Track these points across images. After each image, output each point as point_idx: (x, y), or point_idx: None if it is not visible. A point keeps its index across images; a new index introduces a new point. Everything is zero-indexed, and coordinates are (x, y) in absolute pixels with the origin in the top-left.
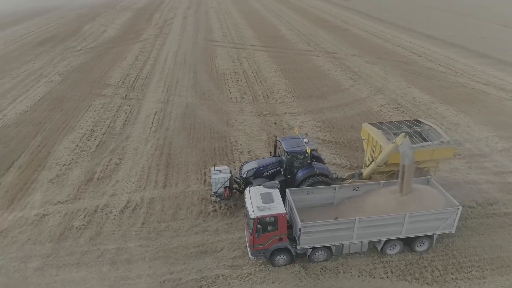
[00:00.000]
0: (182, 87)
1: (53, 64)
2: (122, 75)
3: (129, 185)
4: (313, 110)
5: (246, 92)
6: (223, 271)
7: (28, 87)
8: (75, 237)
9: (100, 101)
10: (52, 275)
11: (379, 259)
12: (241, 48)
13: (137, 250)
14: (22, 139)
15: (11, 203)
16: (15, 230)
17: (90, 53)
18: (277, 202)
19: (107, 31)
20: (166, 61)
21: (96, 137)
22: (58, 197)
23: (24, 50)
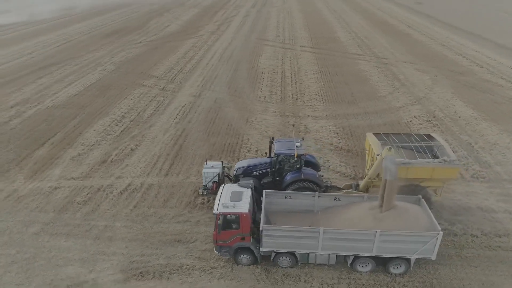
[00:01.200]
0: (218, 83)
1: (112, 54)
2: (167, 68)
3: (135, 170)
4: (338, 116)
5: (277, 92)
6: (189, 261)
7: (84, 74)
8: (74, 211)
9: (139, 91)
10: (44, 241)
11: (347, 275)
12: (289, 49)
13: (121, 230)
14: (63, 119)
15: (34, 174)
16: (29, 198)
17: (147, 46)
18: (243, 201)
19: (170, 26)
20: (213, 57)
21: (123, 124)
22: (73, 174)
23: (93, 41)
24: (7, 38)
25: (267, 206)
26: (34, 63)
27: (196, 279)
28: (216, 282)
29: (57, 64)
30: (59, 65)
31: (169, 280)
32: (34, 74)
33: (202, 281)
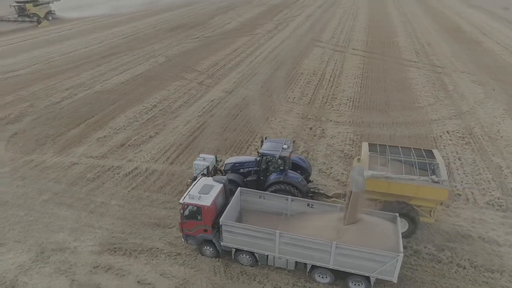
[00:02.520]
0: (254, 81)
1: (168, 48)
2: (212, 63)
3: (146, 155)
4: (362, 123)
5: (307, 94)
6: (160, 244)
7: (136, 64)
8: (81, 185)
9: (178, 83)
10: (49, 208)
11: (303, 283)
12: (339, 51)
13: (114, 207)
14: (104, 104)
15: (62, 150)
16: (51, 169)
17: (202, 41)
18: (210, 195)
19: (230, 24)
20: (259, 56)
21: (152, 112)
22: (93, 153)
23: (157, 34)
24: (85, 28)
25: (243, 204)
26: (99, 52)
27: (160, 262)
28: (176, 267)
29: (117, 54)
30: (119, 55)
31: (136, 259)
32: (95, 62)
33: (165, 265)
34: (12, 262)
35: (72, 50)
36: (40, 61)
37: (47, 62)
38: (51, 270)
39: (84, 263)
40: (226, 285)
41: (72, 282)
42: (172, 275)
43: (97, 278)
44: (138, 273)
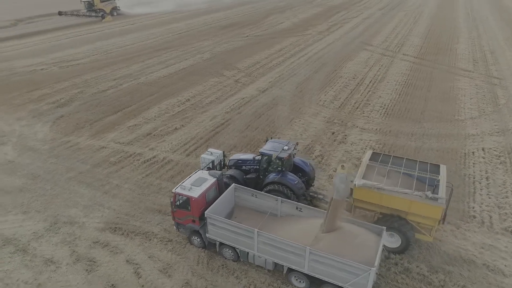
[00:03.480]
0: (291, 82)
1: (216, 45)
2: (254, 62)
3: (167, 146)
4: (389, 132)
5: (340, 98)
6: (156, 230)
7: (183, 59)
8: (103, 168)
9: (216, 79)
10: (71, 185)
11: (279, 284)
12: (388, 56)
13: (125, 191)
14: (143, 94)
15: (96, 134)
16: (82, 151)
17: (251, 40)
18: (201, 187)
19: (283, 23)
20: (302, 57)
21: (184, 106)
22: (121, 139)
23: (209, 31)
24: (145, 24)
25: (237, 200)
26: (153, 46)
27: (151, 245)
28: (165, 253)
29: (168, 49)
30: (170, 49)
31: (131, 240)
32: (147, 55)
33: (155, 249)
34: (29, 229)
35: (129, 44)
36: (99, 52)
37: (104, 54)
38: (58, 240)
39: (86, 238)
40: (205, 275)
41: (72, 253)
42: (159, 259)
43: (93, 252)
44: (129, 253)
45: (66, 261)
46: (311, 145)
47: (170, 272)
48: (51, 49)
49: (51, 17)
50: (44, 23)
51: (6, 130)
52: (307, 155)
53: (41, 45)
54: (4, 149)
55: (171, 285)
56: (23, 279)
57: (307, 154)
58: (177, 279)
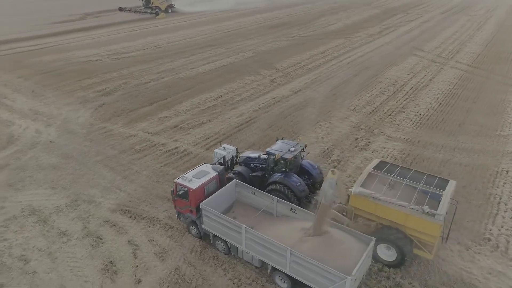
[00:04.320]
0: (326, 84)
1: (261, 44)
2: (294, 62)
3: (190, 138)
4: (417, 143)
5: (373, 104)
6: (161, 216)
7: (225, 57)
8: (128, 154)
9: (252, 78)
10: (96, 167)
11: (263, 282)
12: (438, 63)
13: (143, 177)
14: (180, 88)
15: (129, 123)
16: (113, 137)
17: (296, 40)
18: (201, 180)
19: (334, 25)
20: (345, 59)
21: (215, 101)
22: (150, 129)
23: (258, 30)
24: (198, 21)
25: (238, 196)
26: (200, 43)
27: (154, 230)
28: (164, 238)
29: (213, 46)
30: (215, 47)
31: (137, 223)
32: (192, 51)
33: (156, 234)
34: (53, 203)
35: (178, 40)
36: (149, 47)
37: (154, 48)
38: (75, 215)
39: (99, 216)
40: (195, 264)
41: (84, 228)
42: (157, 243)
43: (102, 230)
44: (132, 235)
45: (77, 235)
46: (330, 149)
47: (164, 257)
48: (108, 42)
49: (114, 12)
50: (107, 18)
51: (54, 113)
52: (323, 159)
53: (100, 38)
54: (48, 130)
55: (162, 269)
56: (38, 247)
57: (323, 157)
58: (169, 263)
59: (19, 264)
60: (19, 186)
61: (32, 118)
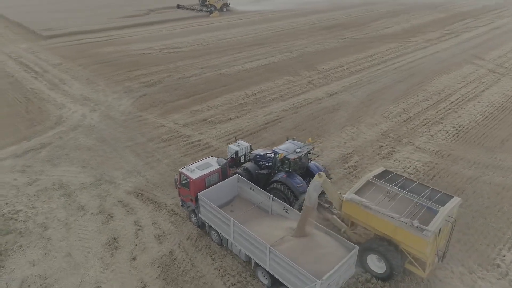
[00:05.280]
0: (365, 89)
1: (308, 44)
2: (337, 65)
3: (215, 133)
4: (448, 156)
5: (410, 113)
6: (169, 202)
7: (270, 55)
8: (155, 143)
9: (290, 78)
10: (124, 152)
11: (246, 276)
12: (497, 73)
13: (162, 165)
14: (218, 84)
15: (163, 113)
16: (146, 125)
17: (346, 42)
18: (203, 171)
19: (391, 28)
20: (393, 64)
21: (247, 99)
22: (180, 121)
23: (309, 31)
24: (252, 20)
25: (240, 191)
26: (248, 41)
27: (159, 214)
28: (166, 223)
29: (261, 45)
30: (262, 45)
31: (146, 206)
32: (239, 49)
33: (160, 218)
34: (80, 180)
35: (229, 37)
36: (199, 43)
37: (204, 44)
38: (95, 193)
39: (115, 196)
40: (189, 250)
41: (100, 205)
42: (159, 227)
43: (114, 209)
44: (139, 216)
45: (92, 211)
46: (350, 154)
47: (163, 240)
48: (163, 37)
49: (176, 9)
50: (167, 14)
51: (101, 100)
52: (339, 163)
53: (158, 33)
54: (92, 115)
55: (158, 251)
56: (58, 217)
57: (340, 162)
58: (165, 246)
59: (39, 230)
60: (56, 162)
61: (81, 103)
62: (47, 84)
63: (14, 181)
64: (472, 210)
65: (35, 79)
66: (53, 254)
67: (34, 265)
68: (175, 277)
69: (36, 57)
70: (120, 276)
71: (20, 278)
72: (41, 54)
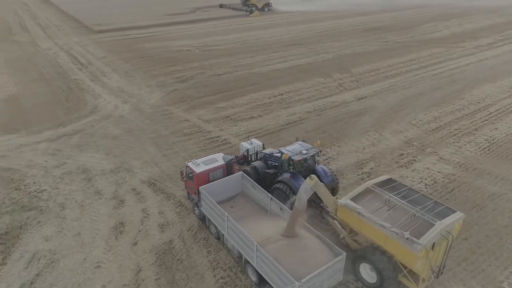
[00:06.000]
0: (398, 94)
1: (347, 47)
2: (373, 68)
3: (235, 130)
4: (473, 170)
5: (440, 121)
6: (178, 193)
7: (304, 56)
8: (176, 136)
9: (321, 80)
10: (146, 143)
11: (237, 272)
12: None
13: (179, 158)
14: (247, 83)
15: (189, 108)
16: (170, 120)
17: (388, 46)
18: (207, 166)
19: (439, 32)
20: (433, 70)
21: (272, 98)
22: (204, 117)
23: (351, 33)
24: (294, 20)
25: (243, 188)
26: (286, 42)
27: (167, 204)
28: (171, 213)
29: (298, 45)
30: (299, 46)
31: (156, 195)
32: (274, 48)
33: (167, 208)
34: (101, 167)
35: (267, 37)
36: (238, 42)
37: (241, 43)
38: (112, 180)
39: (130, 184)
40: (187, 241)
41: (114, 191)
42: (164, 216)
43: (127, 196)
44: (148, 205)
45: (106, 196)
46: (367, 160)
47: (165, 229)
48: (204, 35)
49: (218, 8)
50: (212, 13)
51: (134, 93)
52: (353, 169)
53: (199, 31)
54: (124, 107)
55: (159, 238)
56: (76, 199)
57: (354, 167)
58: (165, 235)
59: (57, 209)
60: (84, 148)
61: (116, 95)
62: (89, 76)
63: (44, 162)
64: (488, 228)
65: (79, 70)
66: (65, 232)
67: (47, 240)
68: (169, 265)
69: (84, 50)
70: (119, 258)
71: (33, 251)
72: (89, 47)
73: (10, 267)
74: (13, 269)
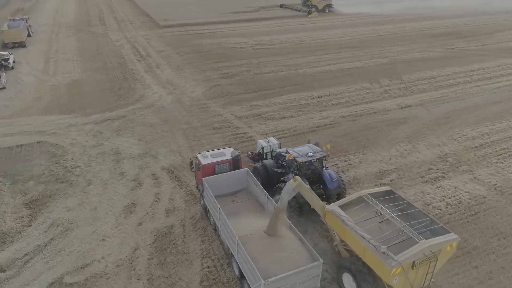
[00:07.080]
0: (447, 105)
1: (405, 52)
2: (427, 76)
3: (263, 128)
4: (505, 193)
5: (487, 138)
6: (191, 183)
7: (356, 60)
8: (206, 129)
9: (366, 85)
10: (177, 133)
11: (223, 264)
12: None
13: (202, 149)
14: (290, 83)
15: (225, 104)
16: (205, 113)
17: (452, 53)
18: (214, 159)
19: None
20: (496, 83)
21: (311, 100)
22: (237, 113)
23: (414, 38)
24: (355, 22)
25: (248, 184)
26: (341, 44)
27: (178, 191)
28: (180, 201)
29: (354, 48)
30: (355, 48)
31: (172, 182)
32: (328, 50)
33: (177, 195)
34: (131, 151)
35: (324, 38)
36: (291, 42)
37: (295, 43)
38: (137, 164)
39: (151, 169)
40: (186, 227)
41: (136, 174)
42: (173, 203)
43: (146, 179)
44: (162, 190)
45: (128, 177)
46: (390, 171)
47: (170, 214)
48: (261, 33)
49: (278, 8)
50: (273, 12)
51: (180, 85)
52: (372, 178)
53: (258, 29)
54: (167, 98)
55: (161, 222)
56: (102, 177)
57: (373, 177)
58: (169, 220)
59: (84, 184)
60: (121, 132)
61: (163, 86)
62: (145, 67)
63: (85, 142)
64: (506, 260)
65: (138, 61)
66: (85, 205)
67: (68, 211)
68: (164, 247)
69: (147, 43)
70: (123, 235)
71: (54, 218)
72: (152, 41)
73: (32, 229)
74: (35, 231)
